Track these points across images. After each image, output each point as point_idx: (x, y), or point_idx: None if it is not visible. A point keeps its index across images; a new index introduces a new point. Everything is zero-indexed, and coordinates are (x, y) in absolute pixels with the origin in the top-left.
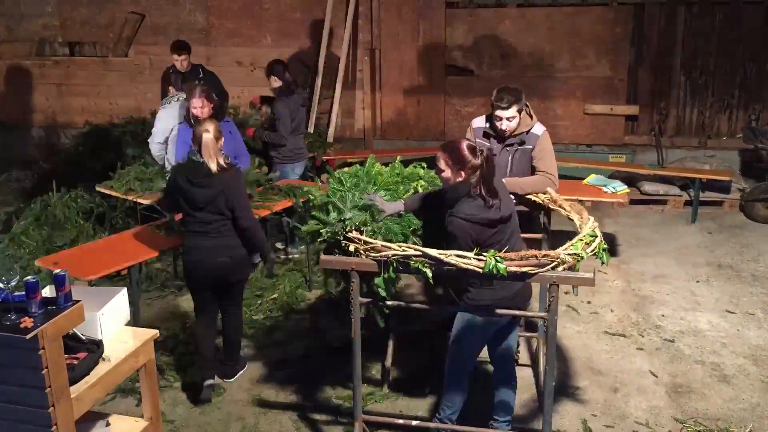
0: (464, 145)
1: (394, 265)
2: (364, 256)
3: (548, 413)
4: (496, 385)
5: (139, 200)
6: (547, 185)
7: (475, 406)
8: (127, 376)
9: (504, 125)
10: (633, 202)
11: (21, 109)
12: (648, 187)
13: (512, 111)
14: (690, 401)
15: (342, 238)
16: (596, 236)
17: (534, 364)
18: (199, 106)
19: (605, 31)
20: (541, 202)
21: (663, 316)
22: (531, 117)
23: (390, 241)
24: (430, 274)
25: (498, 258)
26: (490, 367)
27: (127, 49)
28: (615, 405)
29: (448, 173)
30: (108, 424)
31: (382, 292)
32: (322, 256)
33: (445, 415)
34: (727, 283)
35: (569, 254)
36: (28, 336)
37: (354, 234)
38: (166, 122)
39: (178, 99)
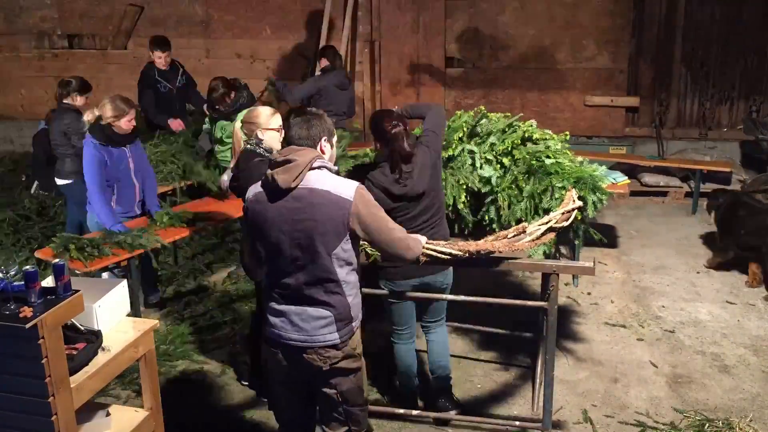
0: (384, 118)
1: None
2: None
3: (548, 403)
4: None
5: None
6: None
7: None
8: (127, 367)
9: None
10: (633, 193)
11: (20, 103)
12: (648, 178)
13: None
14: (690, 391)
15: None
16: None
17: (533, 355)
18: None
19: (605, 22)
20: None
21: (663, 306)
22: None
23: None
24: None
25: None
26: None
27: (126, 41)
28: (615, 395)
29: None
30: (108, 414)
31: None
32: None
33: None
34: (727, 273)
35: None
36: (28, 325)
37: None
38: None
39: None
